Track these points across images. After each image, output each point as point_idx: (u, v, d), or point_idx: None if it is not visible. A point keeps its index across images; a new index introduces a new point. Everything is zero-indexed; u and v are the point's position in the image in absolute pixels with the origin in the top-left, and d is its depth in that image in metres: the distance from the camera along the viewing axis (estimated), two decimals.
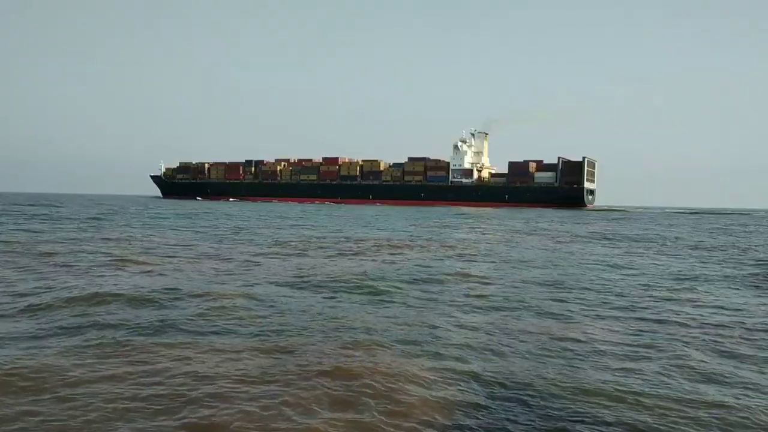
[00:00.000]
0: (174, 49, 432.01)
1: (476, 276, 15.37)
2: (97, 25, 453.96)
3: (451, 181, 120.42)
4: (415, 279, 14.54)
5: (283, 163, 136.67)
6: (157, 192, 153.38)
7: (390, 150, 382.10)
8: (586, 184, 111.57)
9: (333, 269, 15.89)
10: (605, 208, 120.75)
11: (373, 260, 18.45)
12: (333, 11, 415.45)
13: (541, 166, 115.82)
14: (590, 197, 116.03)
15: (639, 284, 14.78)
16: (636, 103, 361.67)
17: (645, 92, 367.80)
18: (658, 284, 14.89)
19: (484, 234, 33.79)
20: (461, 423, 5.58)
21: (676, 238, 34.50)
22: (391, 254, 20.52)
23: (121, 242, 22.39)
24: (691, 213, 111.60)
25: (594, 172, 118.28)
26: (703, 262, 20.78)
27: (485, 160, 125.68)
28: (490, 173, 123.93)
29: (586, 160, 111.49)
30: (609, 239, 31.90)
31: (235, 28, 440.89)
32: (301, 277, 14.41)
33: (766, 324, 10.23)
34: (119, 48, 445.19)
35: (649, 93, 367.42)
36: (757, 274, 17.44)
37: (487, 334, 9.00)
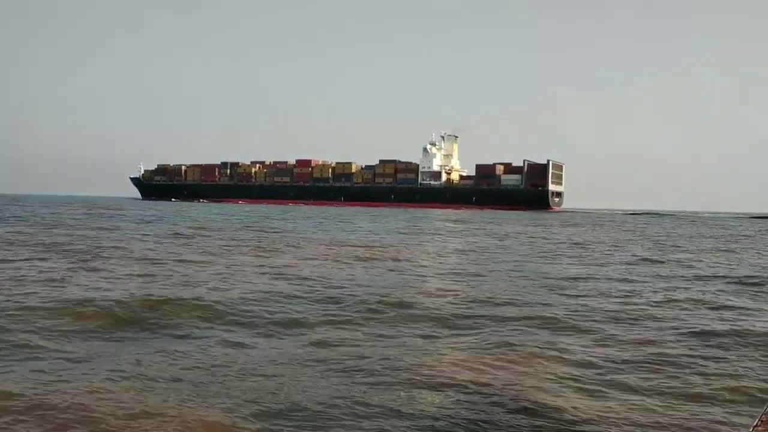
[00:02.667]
0: (159, 51, 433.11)
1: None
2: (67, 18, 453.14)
3: (420, 183, 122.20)
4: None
5: (258, 165, 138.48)
6: (137, 194, 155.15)
7: (366, 151, 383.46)
8: (551, 187, 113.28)
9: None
10: (569, 210, 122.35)
11: None
12: (308, 12, 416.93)
13: (508, 169, 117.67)
14: (556, 199, 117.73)
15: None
16: (618, 106, 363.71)
17: (627, 95, 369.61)
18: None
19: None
20: None
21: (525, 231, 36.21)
22: None
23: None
24: (643, 214, 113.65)
25: (561, 175, 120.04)
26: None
27: (455, 163, 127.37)
28: (460, 176, 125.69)
29: (551, 162, 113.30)
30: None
31: (218, 30, 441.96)
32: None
33: None
34: (103, 47, 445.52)
35: (632, 96, 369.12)
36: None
37: None
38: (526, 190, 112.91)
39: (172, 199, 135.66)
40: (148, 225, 33.99)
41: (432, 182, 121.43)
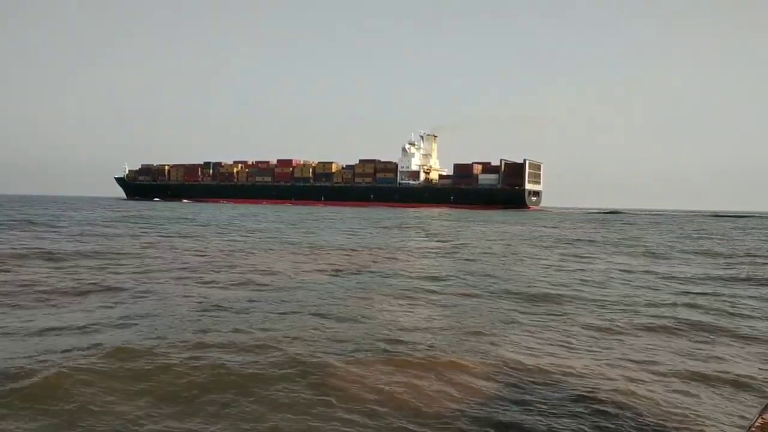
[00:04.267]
0: (145, 53, 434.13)
1: None
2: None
3: (399, 183, 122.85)
4: None
5: (240, 165, 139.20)
6: (122, 193, 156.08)
7: (351, 151, 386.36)
8: (528, 186, 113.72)
9: None
10: (542, 208, 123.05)
11: None
12: (306, 12, 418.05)
13: (486, 168, 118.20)
14: (534, 198, 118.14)
15: None
16: (613, 106, 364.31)
17: (623, 94, 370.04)
18: None
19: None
20: None
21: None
22: None
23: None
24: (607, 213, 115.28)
25: (539, 174, 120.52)
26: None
27: (434, 162, 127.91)
28: (439, 175, 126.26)
29: (527, 162, 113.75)
30: None
31: (208, 31, 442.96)
32: None
33: None
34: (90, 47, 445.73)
35: (627, 95, 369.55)
36: None
37: None
38: (502, 189, 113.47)
39: (155, 199, 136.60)
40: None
41: (410, 182, 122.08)
